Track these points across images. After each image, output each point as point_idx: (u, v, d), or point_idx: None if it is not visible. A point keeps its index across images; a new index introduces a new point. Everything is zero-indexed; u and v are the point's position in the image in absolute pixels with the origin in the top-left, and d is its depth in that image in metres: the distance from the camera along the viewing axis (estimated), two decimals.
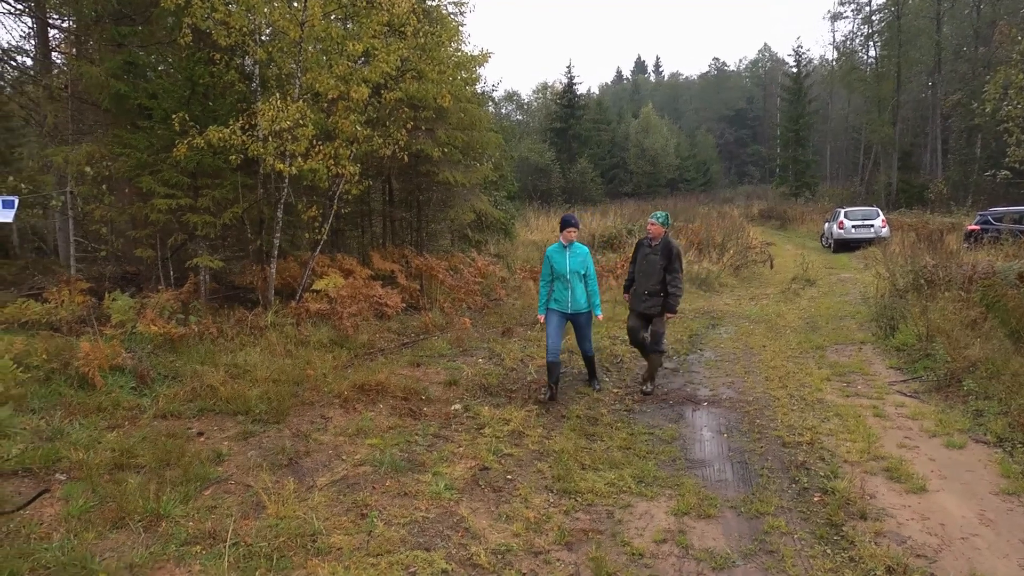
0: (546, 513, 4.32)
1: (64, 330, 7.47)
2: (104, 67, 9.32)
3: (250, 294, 9.70)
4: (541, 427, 5.96)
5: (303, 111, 8.39)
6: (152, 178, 8.60)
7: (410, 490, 4.61)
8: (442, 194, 12.90)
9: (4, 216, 8.29)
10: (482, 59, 11.57)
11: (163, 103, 8.67)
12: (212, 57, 8.87)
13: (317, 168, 8.69)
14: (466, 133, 12.14)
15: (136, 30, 9.88)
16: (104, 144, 9.42)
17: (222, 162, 8.61)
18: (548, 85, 62.53)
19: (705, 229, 21.08)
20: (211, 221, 8.80)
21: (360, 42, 8.78)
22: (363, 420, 5.93)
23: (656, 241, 6.94)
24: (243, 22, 8.45)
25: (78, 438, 5.10)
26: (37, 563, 3.49)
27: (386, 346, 8.58)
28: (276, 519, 4.06)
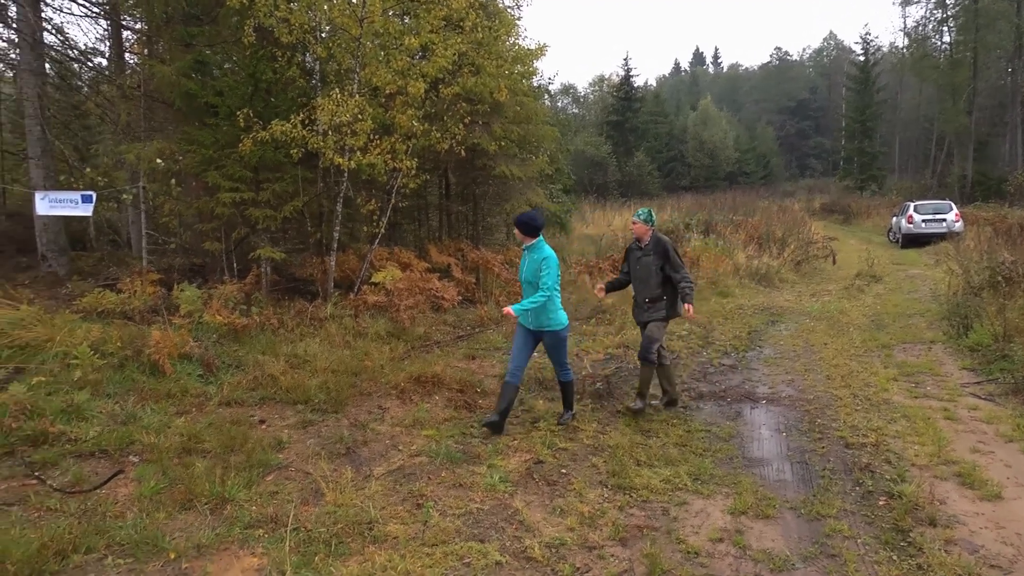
0: (600, 508, 4.29)
1: (137, 319, 7.78)
2: (174, 66, 9.64)
3: (310, 286, 9.93)
4: (596, 422, 5.92)
5: (362, 106, 8.52)
6: (217, 173, 8.87)
7: (465, 481, 4.64)
8: (498, 188, 12.93)
9: (84, 210, 8.70)
10: (539, 52, 11.54)
11: (228, 100, 8.92)
12: (274, 54, 9.09)
13: (375, 162, 8.82)
14: (522, 127, 12.14)
15: (204, 30, 10.19)
16: (173, 140, 9.76)
17: (283, 156, 8.82)
18: (605, 78, 62.02)
19: (765, 223, 20.59)
20: (272, 214, 9.03)
21: (418, 37, 8.86)
22: (419, 411, 6.00)
23: (645, 242, 6.20)
24: (304, 19, 8.63)
25: (149, 422, 5.32)
26: (112, 540, 3.65)
27: (442, 339, 8.67)
28: (334, 506, 4.15)
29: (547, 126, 13.64)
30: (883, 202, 36.17)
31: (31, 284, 9.71)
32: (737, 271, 14.59)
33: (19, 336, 6.44)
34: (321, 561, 3.54)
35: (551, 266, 5.57)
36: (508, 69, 10.78)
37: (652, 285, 6.16)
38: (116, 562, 3.49)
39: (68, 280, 10.54)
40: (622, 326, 9.53)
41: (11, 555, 3.37)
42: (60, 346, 6.26)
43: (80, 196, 8.97)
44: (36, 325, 6.67)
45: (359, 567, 3.48)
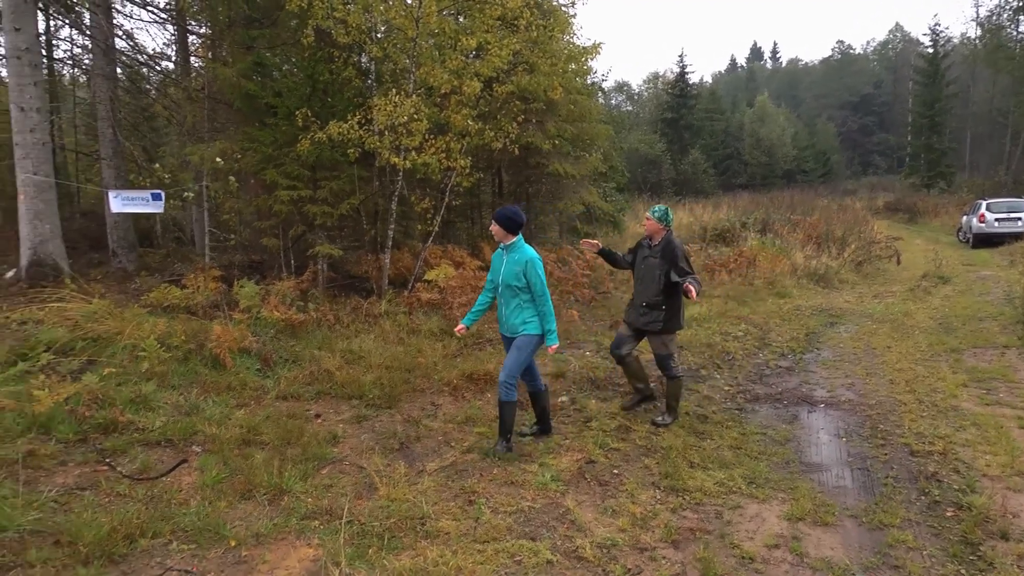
0: (653, 509, 4.24)
1: (199, 314, 8.04)
2: (236, 68, 9.93)
3: (365, 283, 10.09)
4: (648, 423, 5.86)
5: (417, 106, 8.61)
6: (276, 171, 9.09)
7: (516, 479, 4.65)
8: (551, 186, 12.92)
9: (155, 207, 9.05)
10: (593, 51, 11.47)
11: (287, 100, 9.13)
12: (332, 55, 9.26)
13: (430, 162, 8.91)
14: (576, 125, 12.10)
15: (264, 33, 10.46)
16: (234, 140, 10.04)
17: (340, 155, 8.98)
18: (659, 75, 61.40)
19: (824, 223, 20.04)
20: (329, 212, 9.20)
21: (473, 37, 8.92)
22: (471, 408, 6.04)
23: (656, 241, 5.77)
24: (360, 20, 8.77)
25: (211, 414, 5.49)
26: (176, 526, 3.78)
27: (495, 336, 8.69)
28: (387, 501, 4.20)
29: (601, 124, 13.57)
30: (952, 200, 34.73)
31: (103, 279, 10.12)
32: (795, 271, 14.25)
33: (92, 329, 6.72)
34: (374, 554, 3.59)
35: (538, 268, 5.03)
36: (562, 67, 10.76)
37: (652, 290, 5.71)
38: (180, 547, 3.61)
39: (136, 275, 10.96)
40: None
41: (84, 537, 3.52)
42: (129, 339, 6.52)
43: (150, 194, 9.33)
44: (107, 318, 6.95)
45: (411, 561, 3.51)
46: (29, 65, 9.43)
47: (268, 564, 3.51)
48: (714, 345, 8.47)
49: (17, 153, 9.51)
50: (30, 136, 9.43)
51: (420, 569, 3.45)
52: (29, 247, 9.71)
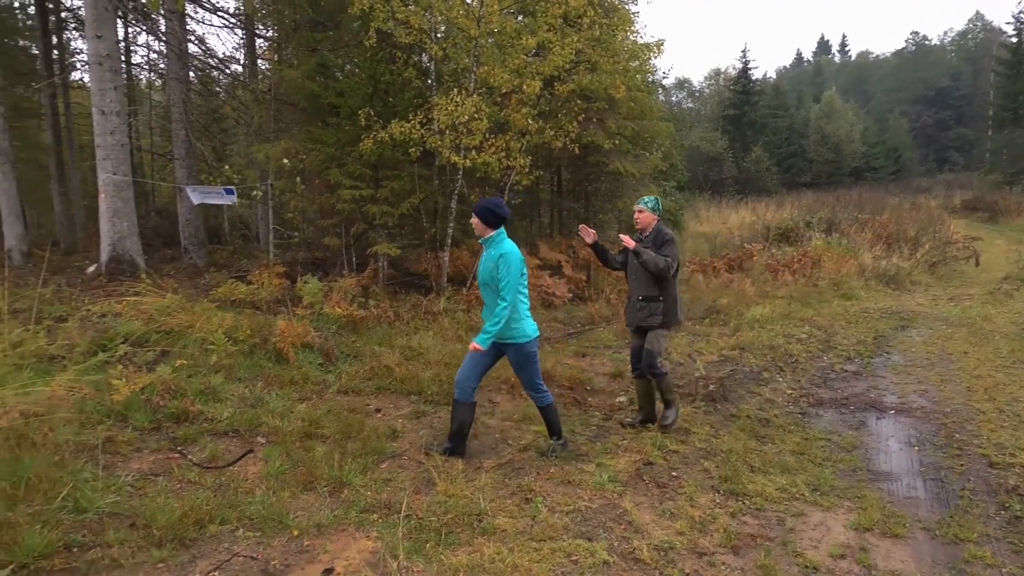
0: (712, 513, 4.17)
1: (264, 309, 8.28)
2: (300, 70, 10.18)
3: (424, 281, 10.22)
4: (708, 425, 5.76)
5: (478, 105, 8.67)
6: (339, 171, 9.28)
7: (573, 479, 4.63)
8: (610, 184, 12.83)
9: (229, 200, 9.40)
10: (656, 47, 11.32)
11: (349, 101, 9.31)
12: (393, 55, 9.41)
13: (490, 160, 8.95)
14: (636, 123, 11.97)
15: (327, 35, 10.70)
16: (298, 140, 10.31)
17: (401, 155, 9.12)
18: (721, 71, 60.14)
19: (895, 222, 19.30)
20: (390, 211, 9.34)
21: (535, 36, 8.92)
22: (528, 407, 6.04)
23: (647, 232, 5.55)
24: (421, 21, 8.87)
25: (275, 407, 5.64)
26: (243, 514, 3.91)
27: (552, 335, 8.68)
28: (445, 496, 4.24)
29: (662, 122, 13.39)
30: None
31: (175, 275, 10.52)
32: (862, 272, 13.78)
33: (165, 322, 7.00)
34: (432, 549, 3.63)
35: (510, 264, 4.65)
36: (624, 65, 10.65)
37: (647, 284, 5.48)
38: (246, 535, 3.72)
39: (206, 271, 11.35)
40: (737, 327, 9.21)
41: (157, 520, 3.68)
42: (199, 332, 6.76)
43: (223, 189, 9.67)
44: (179, 312, 7.22)
45: (468, 557, 3.54)
46: (110, 71, 9.86)
47: (329, 554, 3.58)
48: (776, 347, 8.27)
49: (98, 154, 9.96)
50: (110, 138, 9.86)
51: (477, 565, 3.47)
52: (108, 243, 10.16)
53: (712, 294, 11.37)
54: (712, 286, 12.01)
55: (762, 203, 27.58)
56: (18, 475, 3.82)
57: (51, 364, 6.00)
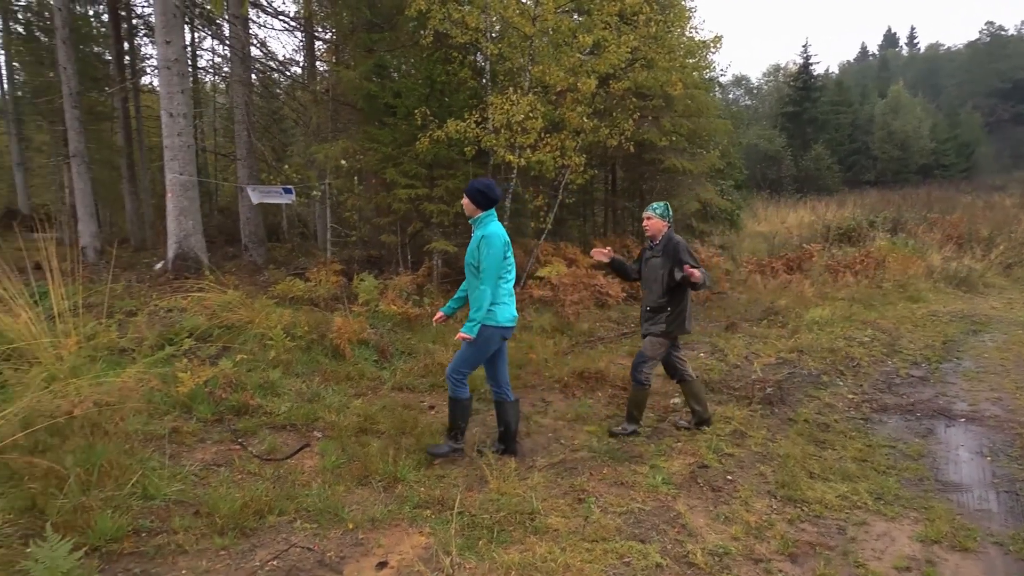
0: (768, 519, 4.07)
1: (321, 306, 8.46)
2: (358, 71, 10.36)
3: None
4: (765, 428, 5.63)
5: (533, 104, 8.67)
6: (395, 170, 9.41)
7: (626, 480, 4.59)
8: (666, 183, 12.67)
9: (287, 199, 9.65)
10: (713, 43, 11.12)
11: (405, 101, 9.43)
12: (448, 55, 9.49)
13: (544, 159, 8.95)
14: (692, 120, 11.79)
15: (384, 36, 10.86)
16: (356, 140, 10.49)
17: (456, 154, 9.19)
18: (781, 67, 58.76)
19: (967, 221, 18.51)
20: (445, 209, 9.43)
21: (590, 34, 8.88)
22: (582, 406, 6.02)
23: (657, 240, 5.41)
24: (477, 20, 8.92)
25: (331, 402, 5.75)
26: (300, 506, 4.00)
27: (606, 335, 8.63)
28: (498, 494, 4.25)
29: (719, 119, 13.15)
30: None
31: (236, 271, 10.84)
32: (930, 274, 13.26)
33: (227, 318, 7.21)
34: (484, 546, 3.65)
35: (491, 245, 4.45)
36: (681, 62, 10.51)
37: (656, 292, 5.36)
38: (303, 526, 3.81)
39: (265, 268, 11.67)
40: (795, 329, 8.98)
41: (219, 509, 3.81)
42: (259, 328, 6.95)
43: (282, 188, 9.92)
44: (240, 308, 7.44)
45: (520, 556, 3.54)
46: (178, 75, 10.21)
47: (383, 548, 3.64)
48: (837, 350, 8.03)
49: (166, 155, 10.33)
50: (177, 139, 10.22)
51: (528, 564, 3.47)
52: (174, 241, 10.53)
53: (770, 295, 11.12)
54: (770, 287, 11.74)
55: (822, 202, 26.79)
56: (92, 461, 4.00)
57: (122, 356, 6.26)
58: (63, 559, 2.95)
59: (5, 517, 3.57)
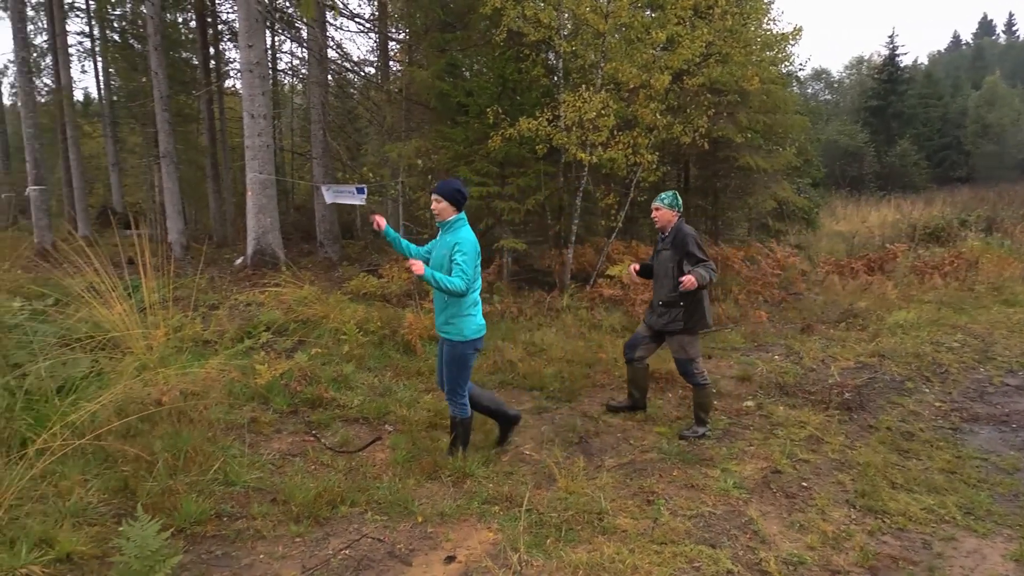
0: (846, 530, 3.91)
1: (393, 302, 8.62)
2: (430, 70, 10.51)
3: (547, 277, 10.27)
4: (843, 435, 5.41)
5: (605, 101, 8.61)
6: (467, 168, 9.49)
7: (697, 483, 4.50)
8: (740, 181, 12.34)
9: (360, 199, 9.85)
10: (793, 36, 10.74)
11: (477, 99, 9.50)
12: (520, 53, 9.51)
13: (616, 157, 8.86)
14: (769, 116, 11.44)
15: (456, 35, 10.98)
16: (428, 139, 10.64)
17: (528, 152, 9.21)
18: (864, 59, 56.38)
19: None
20: (516, 207, 9.45)
21: (664, 30, 8.73)
22: (651, 407, 5.93)
23: (667, 231, 5.27)
24: (550, 18, 8.91)
25: (402, 396, 5.85)
26: (371, 498, 4.09)
27: None
28: (566, 493, 4.23)
29: (796, 115, 12.72)
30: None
31: (311, 267, 11.17)
32: None
33: (302, 312, 7.45)
34: (552, 545, 3.64)
35: (466, 251, 4.26)
36: (758, 55, 10.22)
37: (667, 287, 5.21)
38: (374, 518, 3.89)
39: (339, 265, 11.98)
40: (877, 333, 8.61)
41: (295, 498, 3.93)
42: (333, 323, 7.14)
43: (355, 188, 10.16)
44: (315, 303, 7.66)
45: (588, 556, 3.51)
46: (259, 77, 10.59)
47: (451, 543, 3.67)
48: (923, 356, 7.65)
49: (247, 155, 10.73)
50: (258, 140, 10.59)
51: (596, 564, 3.44)
52: (253, 238, 10.93)
53: (849, 296, 10.70)
54: (849, 288, 11.29)
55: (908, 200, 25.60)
56: (178, 447, 4.21)
57: (205, 348, 6.55)
58: (152, 538, 3.11)
59: (100, 497, 3.80)
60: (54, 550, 3.24)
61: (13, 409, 4.06)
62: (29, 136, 14.20)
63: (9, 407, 4.05)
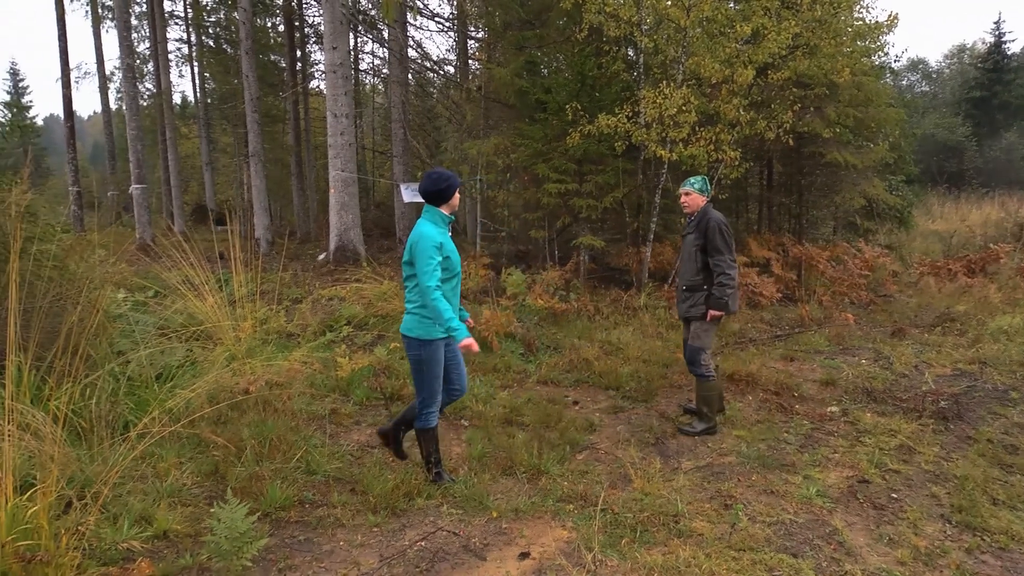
0: (941, 546, 3.70)
1: (470, 298, 8.71)
2: (509, 68, 10.55)
3: (624, 275, 10.16)
4: (938, 445, 5.13)
5: (686, 97, 8.44)
6: (545, 165, 9.49)
7: (777, 489, 4.35)
8: (827, 177, 11.87)
9: None
10: (888, 24, 10.19)
11: (556, 96, 9.48)
12: (600, 49, 9.43)
13: (697, 154, 8.68)
14: (860, 110, 10.93)
15: (535, 33, 10.99)
16: (507, 136, 10.69)
17: (606, 149, 9.13)
18: (966, 47, 53.18)
19: None
20: (594, 205, 9.39)
21: (749, 22, 8.48)
22: (730, 410, 5.78)
23: (694, 216, 5.19)
24: (631, 13, 8.79)
25: (478, 392, 5.90)
26: (447, 491, 4.14)
27: (757, 336, 8.25)
28: (641, 494, 4.18)
29: (890, 108, 12.10)
30: None
31: (391, 263, 11.40)
32: None
33: (381, 307, 7.62)
34: (626, 545, 3.59)
35: (423, 251, 3.80)
36: (848, 46, 9.78)
37: (690, 270, 5.14)
38: (449, 511, 3.94)
39: None
40: (977, 338, 8.13)
41: (373, 489, 4.03)
42: None
43: None
44: (394, 299, 7.82)
45: (663, 558, 3.46)
46: (342, 78, 10.89)
47: (525, 539, 3.68)
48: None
49: (330, 153, 11.06)
50: (340, 139, 10.90)
51: (671, 567, 3.38)
52: (336, 234, 11.26)
53: (945, 299, 10.14)
54: (946, 291, 10.70)
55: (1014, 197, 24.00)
56: (264, 435, 4.39)
57: (289, 340, 6.78)
58: (241, 521, 3.26)
59: (194, 479, 4.00)
60: (152, 527, 3.44)
61: (117, 394, 4.33)
62: (132, 138, 15.08)
63: (114, 391, 4.31)
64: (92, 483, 3.43)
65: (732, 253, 5.07)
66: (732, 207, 13.01)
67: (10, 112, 36.66)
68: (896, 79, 42.40)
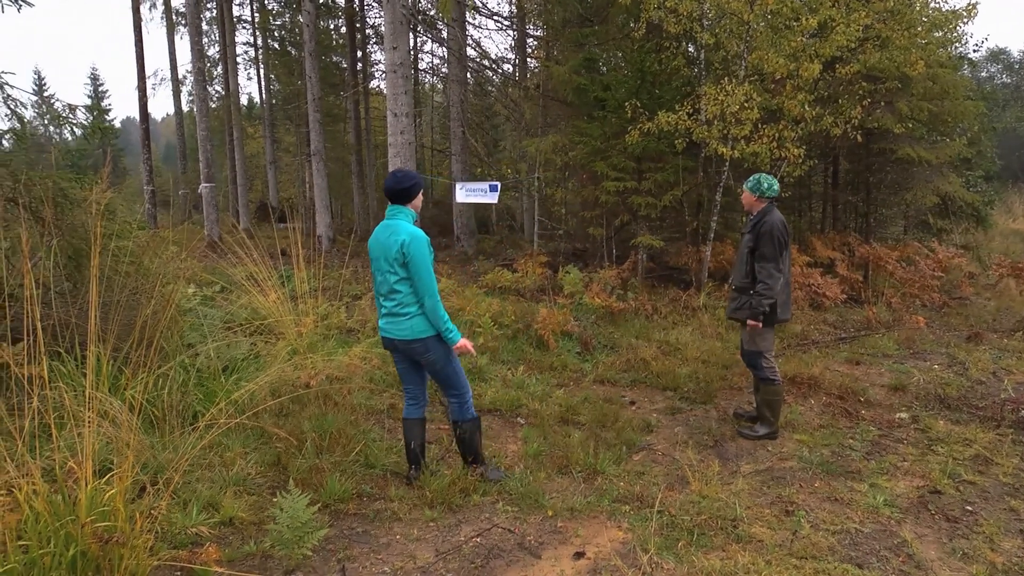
0: (1020, 563, 3.52)
1: (527, 296, 8.72)
2: (568, 66, 10.52)
3: (683, 275, 10.01)
4: (1017, 457, 4.88)
5: (749, 93, 8.25)
6: (603, 163, 9.42)
7: (842, 496, 4.21)
8: (897, 174, 11.42)
9: (491, 198, 10.03)
10: (967, 13, 9.71)
11: (615, 93, 9.40)
12: (660, 45, 9.30)
13: (759, 151, 8.47)
14: (934, 103, 10.47)
15: (594, 30, 10.94)
16: (565, 134, 10.67)
17: (666, 146, 9.00)
18: None
19: None
20: (653, 203, 9.27)
21: (816, 15, 8.22)
22: (792, 413, 5.63)
23: (753, 216, 5.03)
24: (691, 8, 8.64)
25: (534, 390, 5.91)
26: (503, 488, 4.16)
27: (820, 338, 8.01)
28: (699, 496, 4.11)
29: (967, 101, 11.55)
30: None
31: (449, 261, 11.52)
32: None
33: None
34: (683, 548, 3.54)
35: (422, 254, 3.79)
36: (923, 37, 9.37)
37: (740, 271, 5.01)
38: (505, 508, 3.95)
39: (475, 259, 12.27)
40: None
41: (430, 484, 4.05)
42: (469, 315, 7.32)
43: (488, 186, 10.36)
44: (451, 296, 7.89)
45: (720, 563, 3.39)
46: (402, 77, 11.02)
47: (581, 539, 3.66)
48: None
49: (390, 152, 11.21)
50: (400, 137, 11.04)
51: (729, 573, 3.31)
52: None
53: None
54: None
55: None
56: (324, 428, 4.49)
57: (349, 336, 6.92)
58: (302, 511, 3.34)
59: (258, 469, 4.12)
60: (219, 514, 3.56)
61: (187, 384, 4.49)
62: (202, 139, 15.64)
63: (184, 382, 4.48)
64: (164, 470, 3.57)
65: (779, 262, 4.86)
66: (795, 206, 12.67)
67: (91, 115, 38.45)
68: (975, 70, 40.43)
